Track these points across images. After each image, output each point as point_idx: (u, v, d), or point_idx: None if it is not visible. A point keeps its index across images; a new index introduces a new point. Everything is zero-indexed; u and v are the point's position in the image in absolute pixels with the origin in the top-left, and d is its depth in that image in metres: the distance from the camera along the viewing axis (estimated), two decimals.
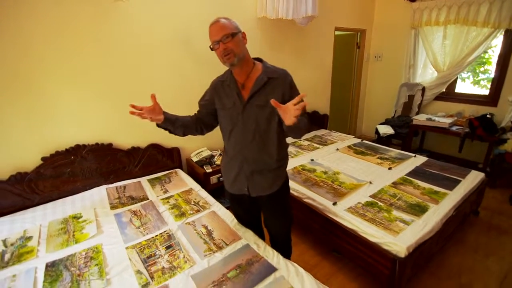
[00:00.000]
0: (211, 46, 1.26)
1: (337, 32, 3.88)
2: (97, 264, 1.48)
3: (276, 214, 1.59)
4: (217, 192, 2.51)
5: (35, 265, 1.49)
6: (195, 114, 1.54)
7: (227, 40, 1.22)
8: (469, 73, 4.27)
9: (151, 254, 1.54)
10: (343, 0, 3.72)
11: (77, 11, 1.98)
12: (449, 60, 3.48)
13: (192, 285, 1.32)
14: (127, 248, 1.60)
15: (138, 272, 1.42)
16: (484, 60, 4.15)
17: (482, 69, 4.26)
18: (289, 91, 1.31)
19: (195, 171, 2.67)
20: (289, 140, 2.85)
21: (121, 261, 1.50)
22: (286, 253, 1.71)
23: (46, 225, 1.83)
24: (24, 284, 1.37)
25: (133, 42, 2.27)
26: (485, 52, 3.63)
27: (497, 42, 3.27)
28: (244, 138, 1.37)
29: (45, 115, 2.03)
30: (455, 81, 3.67)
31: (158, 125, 1.43)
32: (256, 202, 1.55)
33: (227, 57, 1.24)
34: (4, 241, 1.69)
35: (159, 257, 1.52)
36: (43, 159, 2.06)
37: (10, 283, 1.39)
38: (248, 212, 1.67)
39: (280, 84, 1.31)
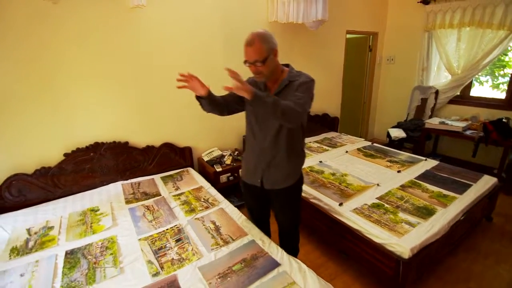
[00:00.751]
0: (245, 63, 1.37)
1: (348, 35, 3.89)
2: (111, 254, 1.58)
3: (285, 209, 1.65)
4: (226, 190, 2.58)
5: (56, 252, 1.61)
6: (223, 96, 1.56)
7: (258, 65, 1.33)
8: (488, 77, 4.16)
9: (161, 246, 1.63)
10: (355, 3, 3.74)
11: (97, 18, 2.12)
12: (463, 63, 3.42)
13: (199, 276, 1.40)
14: (139, 239, 1.69)
15: (149, 262, 1.50)
16: (504, 63, 4.03)
17: (501, 72, 4.14)
18: (298, 85, 1.38)
19: (206, 170, 2.76)
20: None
21: (133, 252, 1.59)
22: (293, 251, 1.75)
23: (67, 217, 1.96)
24: (46, 269, 1.48)
25: (149, 46, 2.39)
26: (504, 54, 3.54)
27: None
28: (263, 133, 1.48)
29: (68, 114, 2.17)
30: (470, 84, 3.60)
31: (196, 97, 1.51)
32: (268, 195, 1.62)
33: (257, 76, 1.40)
34: (28, 230, 1.83)
35: (169, 249, 1.60)
36: (65, 155, 2.20)
37: (34, 267, 1.50)
38: (259, 204, 1.74)
39: (296, 85, 1.40)
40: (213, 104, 1.49)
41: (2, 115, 1.95)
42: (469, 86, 3.61)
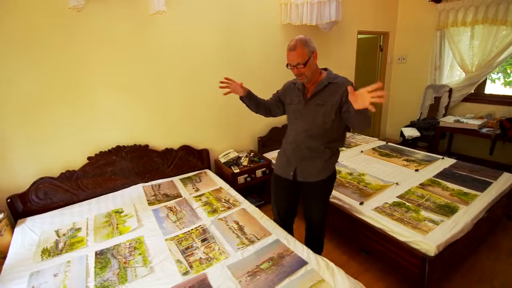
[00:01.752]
0: (288, 66, 1.52)
1: (359, 36, 3.91)
2: (140, 254, 1.62)
3: (316, 203, 1.71)
4: (244, 191, 2.61)
5: (86, 253, 1.65)
6: (267, 99, 1.83)
7: (300, 67, 1.48)
8: (500, 74, 4.13)
9: (188, 246, 1.66)
10: (366, 4, 3.76)
11: (119, 25, 2.19)
12: (477, 60, 3.41)
13: (229, 274, 1.42)
14: (166, 240, 1.73)
15: (178, 261, 1.54)
16: None
17: None
18: (346, 95, 1.43)
19: (223, 172, 2.79)
20: None
21: (161, 251, 1.63)
22: (319, 248, 1.80)
23: (92, 218, 2.01)
24: (78, 269, 1.53)
25: (168, 51, 2.45)
26: None
27: None
28: (302, 129, 1.62)
29: (91, 118, 2.24)
30: (484, 82, 3.58)
31: (240, 98, 1.75)
32: (299, 188, 1.71)
33: (300, 78, 1.54)
34: (57, 232, 1.88)
35: (195, 249, 1.63)
36: (88, 158, 2.26)
37: (66, 267, 1.55)
38: (287, 198, 1.80)
39: (339, 88, 1.51)
40: (255, 103, 1.70)
41: (29, 121, 2.02)
42: (483, 84, 3.59)
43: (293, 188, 1.72)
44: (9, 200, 2.01)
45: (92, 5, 2.04)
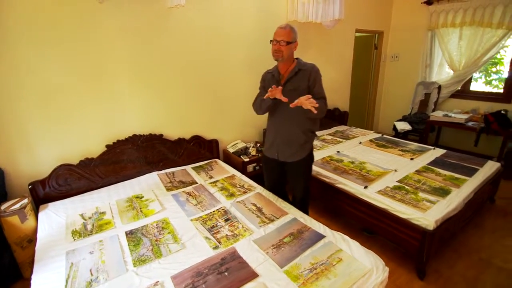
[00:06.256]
0: (271, 42, 1.75)
1: (356, 34, 4.11)
2: (169, 232, 1.74)
3: (296, 178, 2.02)
4: (253, 179, 2.75)
5: (116, 233, 1.76)
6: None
7: (282, 44, 1.70)
8: (481, 74, 4.45)
9: (213, 225, 1.80)
10: (363, 4, 3.96)
11: (138, 16, 2.26)
12: (464, 60, 3.69)
13: (256, 247, 1.58)
14: (191, 220, 1.86)
15: (207, 238, 1.68)
16: (496, 60, 4.33)
17: (494, 69, 4.44)
18: (313, 79, 1.77)
19: (231, 161, 2.93)
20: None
21: (189, 230, 1.76)
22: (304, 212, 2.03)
23: (114, 203, 2.10)
24: (112, 247, 1.63)
25: (184, 44, 2.54)
26: (498, 52, 3.82)
27: (511, 42, 3.46)
28: (279, 115, 1.87)
29: (110, 108, 2.31)
30: (470, 79, 3.87)
31: (273, 99, 1.80)
32: (283, 166, 1.99)
33: (276, 54, 1.74)
34: (82, 215, 1.97)
35: (220, 227, 1.77)
36: (107, 146, 2.34)
37: (100, 246, 1.65)
38: (275, 173, 2.10)
39: (307, 74, 1.78)
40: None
41: (51, 110, 2.08)
42: (469, 82, 3.88)
43: (279, 167, 2.01)
44: (30, 186, 2.07)
45: None
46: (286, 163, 1.95)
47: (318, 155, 2.95)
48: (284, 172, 2.04)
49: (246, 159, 2.81)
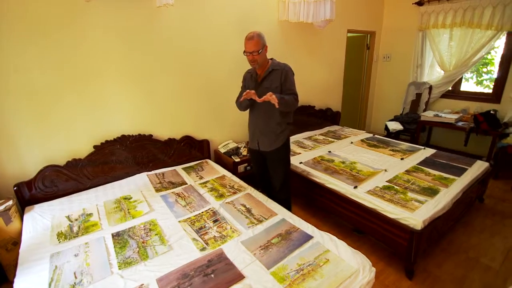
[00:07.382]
0: (244, 53, 1.91)
1: (348, 34, 4.12)
2: (156, 234, 1.72)
3: (274, 166, 2.17)
4: (244, 179, 2.74)
5: (102, 235, 1.73)
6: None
7: (255, 54, 1.87)
8: (473, 74, 4.51)
9: (201, 227, 1.78)
10: (355, 4, 3.97)
11: (125, 16, 2.24)
12: (455, 60, 3.72)
13: (243, 248, 1.57)
14: (179, 221, 1.84)
15: (194, 239, 1.66)
16: (487, 61, 4.38)
17: (485, 69, 4.49)
18: (284, 77, 1.95)
19: (223, 161, 2.91)
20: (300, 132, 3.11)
21: (176, 232, 1.74)
22: (285, 205, 2.09)
23: (102, 205, 2.08)
24: (98, 249, 1.61)
25: (172, 44, 2.52)
26: (488, 53, 3.87)
27: (500, 43, 3.51)
28: (257, 110, 2.07)
29: (97, 108, 2.28)
30: (460, 80, 3.91)
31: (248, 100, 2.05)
32: (264, 156, 2.17)
33: (252, 64, 1.95)
34: (68, 217, 1.94)
35: (209, 229, 1.76)
36: (94, 147, 2.31)
37: (85, 248, 1.63)
38: (259, 163, 2.27)
39: (279, 73, 1.96)
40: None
41: (37, 110, 2.04)
42: (459, 82, 3.92)
43: (261, 157, 2.20)
44: (16, 187, 2.03)
45: None
46: (266, 153, 2.13)
47: (309, 155, 2.96)
48: (266, 162, 2.22)
49: (237, 159, 2.80)
